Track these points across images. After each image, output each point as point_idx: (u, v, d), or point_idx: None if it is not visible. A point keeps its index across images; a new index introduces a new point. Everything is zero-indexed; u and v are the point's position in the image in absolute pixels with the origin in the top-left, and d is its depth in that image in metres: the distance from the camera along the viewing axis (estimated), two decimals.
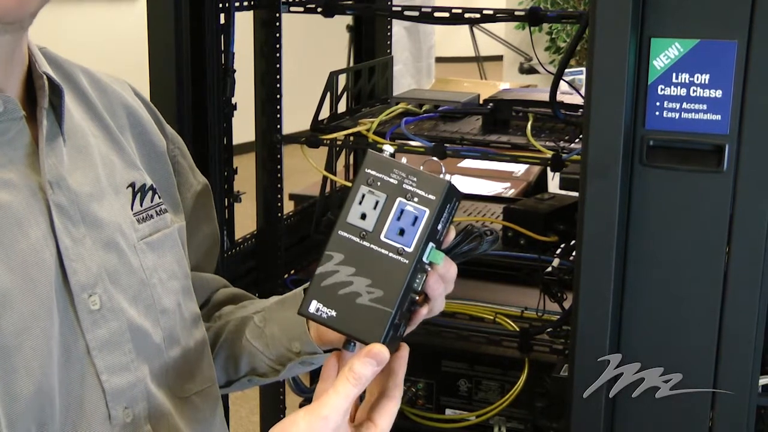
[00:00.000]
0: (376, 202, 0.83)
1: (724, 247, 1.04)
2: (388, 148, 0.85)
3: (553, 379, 1.36)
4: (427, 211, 0.82)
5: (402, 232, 0.82)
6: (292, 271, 1.72)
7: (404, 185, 0.83)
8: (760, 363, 1.07)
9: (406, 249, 0.82)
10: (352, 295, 0.81)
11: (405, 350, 0.86)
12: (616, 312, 1.09)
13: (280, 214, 1.68)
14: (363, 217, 0.83)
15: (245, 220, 1.71)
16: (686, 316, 1.07)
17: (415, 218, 0.82)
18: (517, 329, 1.50)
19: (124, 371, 0.87)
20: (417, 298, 0.85)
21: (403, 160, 0.86)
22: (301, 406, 1.71)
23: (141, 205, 0.95)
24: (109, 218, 0.90)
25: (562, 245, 1.51)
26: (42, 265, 0.80)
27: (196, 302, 1.02)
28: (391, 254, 0.82)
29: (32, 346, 0.78)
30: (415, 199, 0.82)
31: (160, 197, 0.98)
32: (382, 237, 0.82)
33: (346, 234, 0.83)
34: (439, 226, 0.83)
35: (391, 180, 0.83)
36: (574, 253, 1.34)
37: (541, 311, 1.48)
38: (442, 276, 0.87)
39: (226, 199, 1.55)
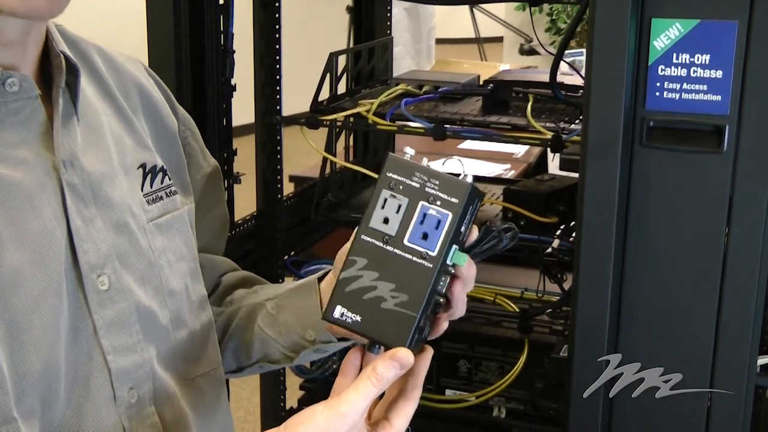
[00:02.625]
0: (399, 206, 0.82)
1: (724, 227, 1.04)
2: (409, 151, 0.85)
3: (553, 360, 1.36)
4: (450, 215, 0.82)
5: (425, 236, 0.82)
6: (292, 253, 1.72)
7: (426, 188, 0.82)
8: (758, 342, 1.07)
9: (430, 253, 0.81)
10: (377, 300, 0.81)
11: (429, 352, 0.86)
12: (616, 293, 1.09)
13: (279, 196, 1.68)
14: (386, 221, 0.83)
15: (245, 201, 1.71)
16: (685, 296, 1.07)
17: (438, 222, 0.82)
18: (517, 310, 1.50)
19: (130, 352, 0.87)
20: (441, 300, 0.85)
21: (425, 161, 0.85)
22: (301, 387, 1.72)
23: (151, 187, 0.96)
24: (120, 199, 0.90)
25: (562, 226, 1.51)
26: (53, 244, 0.81)
27: (204, 284, 1.02)
28: (414, 258, 0.82)
29: (42, 324, 0.78)
30: (438, 203, 0.82)
31: (170, 179, 0.98)
32: (405, 241, 0.82)
33: (368, 239, 0.83)
34: (462, 228, 0.83)
35: (413, 183, 0.83)
36: (573, 234, 1.34)
37: (540, 292, 1.48)
38: (464, 277, 0.87)
39: (225, 181, 1.55)
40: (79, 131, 0.87)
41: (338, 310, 0.82)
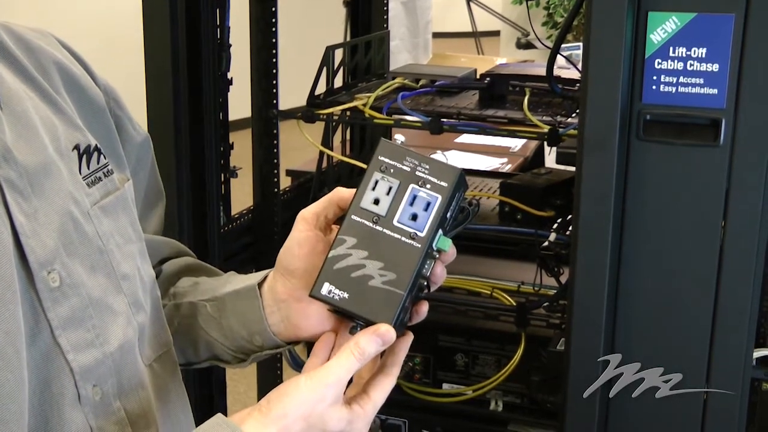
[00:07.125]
0: (389, 188, 0.85)
1: (720, 221, 1.04)
2: (400, 137, 0.87)
3: (550, 353, 1.36)
4: (440, 198, 0.84)
5: (415, 217, 0.84)
6: None
7: (417, 172, 0.85)
8: (754, 335, 1.07)
9: (419, 233, 0.84)
10: (365, 278, 0.83)
11: (409, 336, 0.88)
12: (613, 286, 1.09)
13: (276, 190, 1.68)
14: (376, 202, 0.85)
15: (242, 196, 1.71)
16: (682, 289, 1.07)
17: (428, 204, 0.84)
18: (514, 304, 1.50)
19: (90, 347, 0.83)
20: (425, 283, 0.87)
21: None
22: None
23: (88, 168, 0.90)
24: (60, 187, 0.84)
25: (559, 220, 1.51)
26: (0, 247, 0.75)
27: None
28: (403, 238, 0.84)
29: (5, 330, 0.74)
30: (428, 186, 0.84)
31: (105, 157, 0.93)
32: (394, 222, 0.84)
33: (359, 218, 0.85)
34: (448, 214, 0.85)
35: (404, 167, 0.85)
36: (570, 228, 1.34)
37: (537, 286, 1.48)
38: (445, 263, 0.88)
39: (222, 175, 1.55)
40: (5, 121, 0.80)
41: (326, 287, 0.84)
